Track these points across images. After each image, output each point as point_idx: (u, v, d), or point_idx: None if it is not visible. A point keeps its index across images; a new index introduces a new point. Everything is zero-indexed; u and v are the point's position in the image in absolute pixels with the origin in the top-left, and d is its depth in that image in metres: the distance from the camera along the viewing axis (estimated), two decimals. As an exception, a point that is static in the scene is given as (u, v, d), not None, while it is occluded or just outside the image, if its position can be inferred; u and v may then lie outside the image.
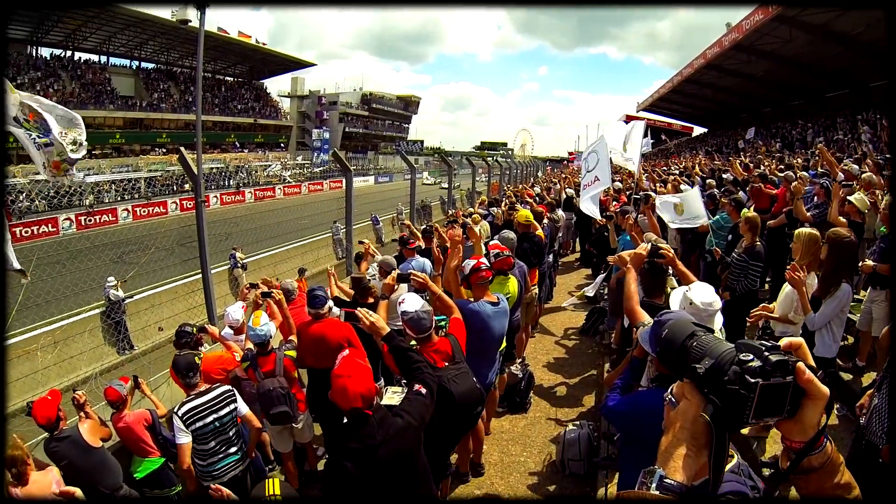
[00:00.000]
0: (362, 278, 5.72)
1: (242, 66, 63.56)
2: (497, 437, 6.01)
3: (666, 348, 1.47)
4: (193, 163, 5.90)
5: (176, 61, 58.26)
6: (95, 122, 46.84)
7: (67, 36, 48.29)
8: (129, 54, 54.62)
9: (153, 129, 52.39)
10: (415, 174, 11.73)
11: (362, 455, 2.75)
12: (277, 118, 67.81)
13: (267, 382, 4.69)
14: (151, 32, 50.15)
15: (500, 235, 6.50)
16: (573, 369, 7.66)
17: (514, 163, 26.60)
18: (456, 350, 3.92)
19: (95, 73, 50.85)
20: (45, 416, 4.16)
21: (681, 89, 45.34)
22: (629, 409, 2.95)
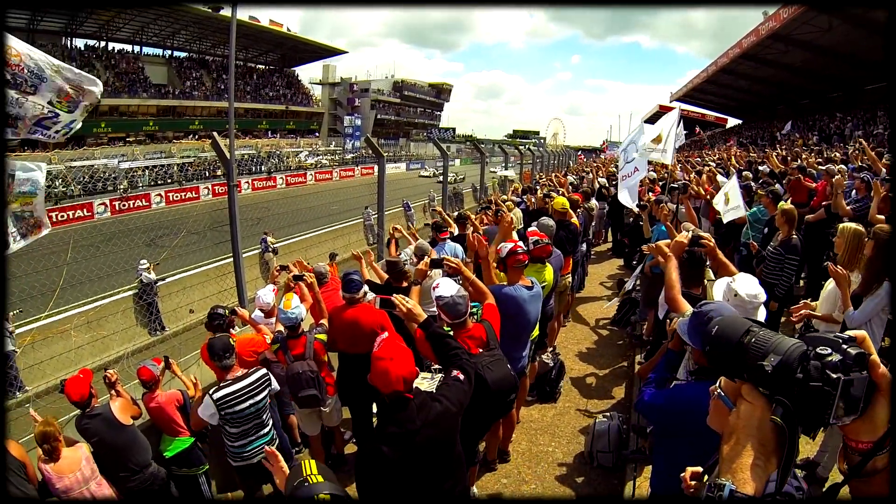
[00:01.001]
0: (398, 262, 5.66)
1: (274, 54, 63.97)
2: (526, 426, 5.94)
3: (718, 347, 1.37)
4: (226, 148, 5.91)
5: (208, 50, 58.91)
6: (129, 110, 48.26)
7: (101, 27, 49.15)
8: (162, 44, 55.41)
9: (186, 116, 53.27)
10: (447, 161, 11.63)
11: (400, 440, 2.69)
12: (309, 105, 68.24)
13: (296, 365, 4.66)
14: (184, 22, 50.84)
15: (539, 222, 6.40)
16: (604, 360, 7.57)
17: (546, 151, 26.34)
18: (490, 336, 3.85)
19: (129, 62, 51.75)
20: (77, 394, 4.22)
21: (715, 79, 44.46)
22: (667, 403, 2.86)
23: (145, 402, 4.78)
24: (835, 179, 7.28)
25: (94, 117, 42.29)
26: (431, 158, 60.01)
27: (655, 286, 5.75)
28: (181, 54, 57.95)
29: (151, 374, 4.77)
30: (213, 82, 57.49)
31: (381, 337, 2.99)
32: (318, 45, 64.51)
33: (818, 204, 7.83)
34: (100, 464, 4.25)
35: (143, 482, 4.46)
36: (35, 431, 3.92)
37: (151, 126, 50.42)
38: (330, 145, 64.44)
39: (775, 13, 28.80)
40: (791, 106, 43.22)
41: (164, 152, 45.76)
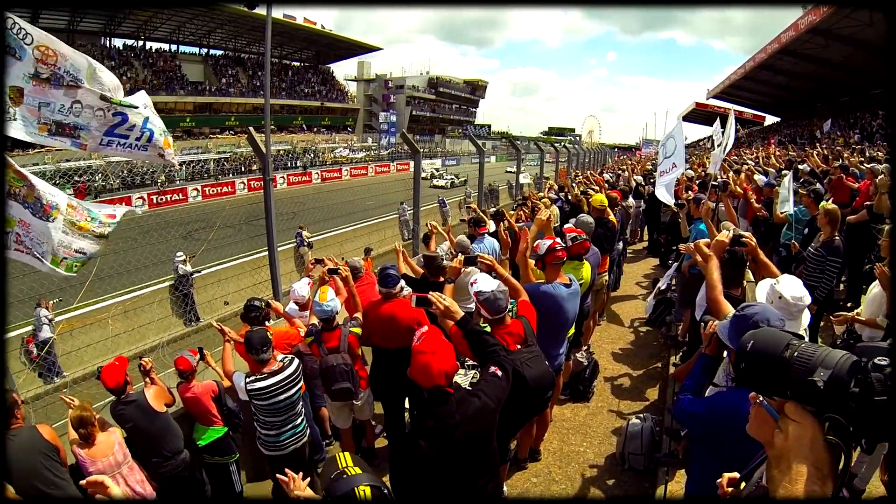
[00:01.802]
0: (436, 257, 5.63)
1: (309, 51, 64.53)
2: (558, 424, 5.87)
3: (756, 363, 1.30)
4: (262, 142, 5.90)
5: (243, 48, 59.72)
6: (167, 107, 48.94)
7: (139, 27, 50.36)
8: (199, 42, 56.40)
9: (222, 112, 54.11)
10: (483, 157, 11.56)
11: (439, 434, 2.65)
12: (344, 101, 68.80)
13: (330, 358, 4.66)
14: (219, 21, 51.76)
15: (579, 219, 6.34)
16: (638, 360, 7.46)
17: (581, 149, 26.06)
18: (528, 332, 3.81)
19: (166, 60, 52.90)
20: (113, 381, 4.28)
21: (753, 76, 43.49)
22: (708, 411, 2.77)
23: (181, 392, 4.83)
24: (878, 179, 7.05)
25: (134, 114, 43.15)
26: (467, 155, 60.10)
27: (692, 286, 5.66)
28: (217, 52, 58.95)
29: (189, 365, 4.83)
30: (249, 79, 58.26)
31: (421, 330, 2.95)
32: (353, 41, 64.95)
33: (861, 204, 7.58)
34: (132, 449, 4.31)
35: (175, 468, 4.52)
36: (71, 416, 3.99)
37: (188, 122, 51.38)
38: (365, 141, 64.80)
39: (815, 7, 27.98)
40: (831, 103, 42.01)
41: (200, 148, 46.63)
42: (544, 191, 12.24)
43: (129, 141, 4.14)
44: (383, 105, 72.49)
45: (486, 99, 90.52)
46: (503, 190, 24.70)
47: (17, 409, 3.89)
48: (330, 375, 4.67)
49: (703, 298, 4.72)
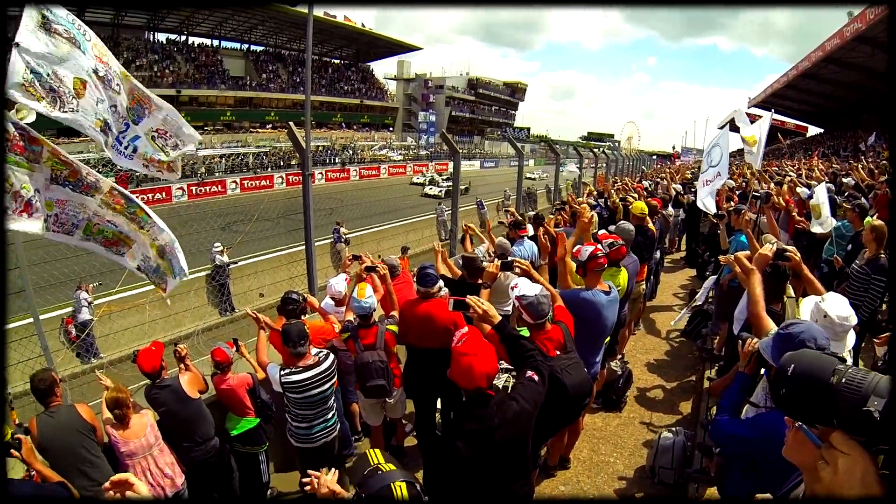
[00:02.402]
0: (475, 258, 5.57)
1: (349, 49, 64.99)
2: (589, 433, 5.80)
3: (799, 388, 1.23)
4: (302, 138, 5.92)
5: (284, 44, 60.55)
6: (208, 101, 50.25)
7: (182, 22, 51.39)
8: (240, 38, 57.38)
9: (262, 107, 54.80)
10: (522, 160, 11.51)
11: (478, 437, 2.65)
12: (384, 100, 69.15)
13: (366, 355, 4.66)
14: (261, 17, 52.60)
15: (619, 226, 6.26)
16: (672, 372, 7.33)
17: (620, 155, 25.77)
18: (567, 339, 3.78)
19: (208, 55, 53.85)
20: (149, 365, 4.37)
21: (796, 84, 42.27)
22: (747, 433, 2.71)
23: (216, 383, 4.89)
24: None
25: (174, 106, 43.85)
26: (505, 157, 59.95)
27: (730, 299, 5.57)
28: (258, 48, 59.71)
29: (226, 357, 4.88)
30: (289, 75, 58.90)
31: (461, 332, 2.94)
32: (393, 40, 65.23)
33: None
34: (164, 433, 4.39)
35: (205, 454, 4.59)
36: (107, 397, 4.07)
37: (229, 116, 52.14)
38: (404, 140, 65.15)
39: (861, 13, 27.07)
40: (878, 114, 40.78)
41: (240, 142, 47.45)
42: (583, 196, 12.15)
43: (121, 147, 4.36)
44: (423, 105, 72.71)
45: (526, 102, 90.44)
46: (541, 194, 24.53)
47: (57, 388, 3.99)
48: (365, 372, 4.66)
49: (741, 312, 4.63)
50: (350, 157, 49.39)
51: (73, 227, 4.16)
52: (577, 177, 18.53)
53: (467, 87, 77.93)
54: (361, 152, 52.70)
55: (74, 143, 31.67)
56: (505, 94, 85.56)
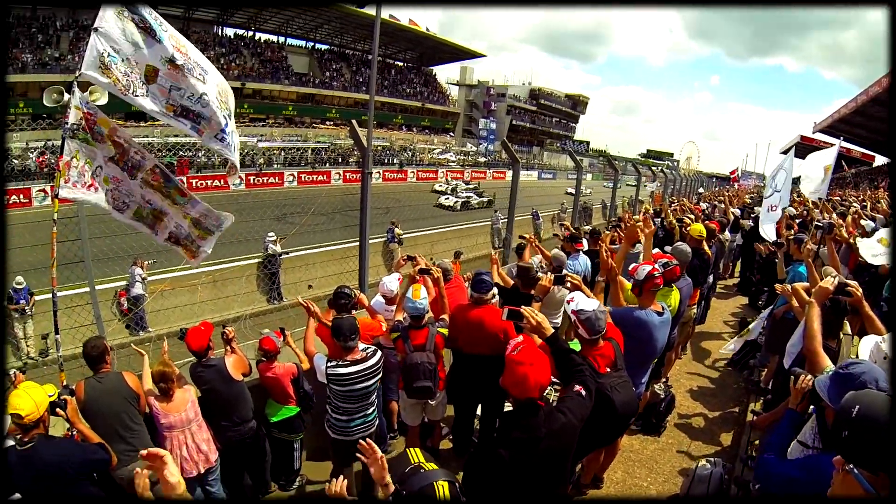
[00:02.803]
0: (530, 267, 5.56)
1: (412, 52, 65.53)
2: (625, 455, 5.69)
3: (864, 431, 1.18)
4: (363, 136, 5.97)
5: (349, 44, 61.37)
6: (271, 95, 51.47)
7: (250, 18, 52.71)
8: (305, 36, 58.36)
9: (324, 104, 55.75)
10: (581, 174, 11.44)
11: (523, 446, 2.66)
12: (445, 104, 69.36)
13: (416, 355, 4.66)
14: (327, 17, 53.35)
15: (676, 247, 6.14)
16: (715, 401, 7.12)
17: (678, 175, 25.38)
18: (618, 356, 3.77)
19: (274, 51, 55.12)
20: (197, 343, 4.52)
21: (864, 110, 39.61)
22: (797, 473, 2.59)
23: (261, 370, 5.00)
24: None
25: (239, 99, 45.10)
26: (563, 170, 59.54)
27: (782, 331, 5.38)
28: (323, 47, 60.59)
29: (274, 346, 4.99)
30: (352, 75, 59.75)
31: (516, 340, 2.96)
32: (457, 46, 65.32)
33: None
34: (204, 410, 4.51)
35: (241, 435, 4.70)
36: (154, 370, 4.21)
37: (290, 111, 53.16)
38: (464, 146, 65.31)
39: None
40: (952, 146, 38.62)
41: (300, 136, 48.42)
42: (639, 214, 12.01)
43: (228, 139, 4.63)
44: (484, 112, 72.63)
45: (587, 115, 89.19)
46: (596, 209, 24.32)
47: (107, 355, 4.17)
48: (413, 372, 4.66)
49: (793, 346, 4.48)
50: (408, 159, 49.78)
51: (125, 206, 4.49)
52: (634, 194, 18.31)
53: (529, 96, 77.55)
54: (420, 155, 52.97)
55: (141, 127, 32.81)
56: (566, 106, 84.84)
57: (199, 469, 4.36)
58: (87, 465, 3.36)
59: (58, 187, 3.99)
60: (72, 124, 3.94)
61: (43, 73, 35.83)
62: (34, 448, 3.15)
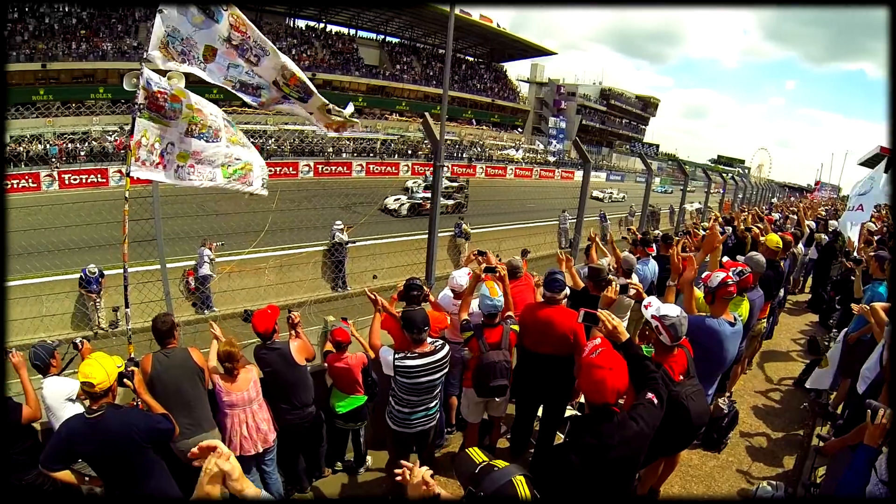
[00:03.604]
0: (601, 269, 5.48)
1: (483, 48, 65.19)
2: (683, 469, 5.54)
3: None
4: (436, 128, 5.96)
5: (419, 38, 61.53)
6: (341, 86, 52.09)
7: (321, 10, 53.56)
8: (376, 29, 58.78)
9: (393, 97, 56.18)
10: (651, 177, 11.21)
11: (594, 452, 2.63)
12: (515, 101, 68.75)
13: (492, 354, 4.61)
14: (397, 11, 53.77)
15: (750, 257, 5.96)
16: (779, 422, 6.85)
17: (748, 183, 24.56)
18: (690, 364, 3.70)
19: (344, 43, 55.89)
20: (263, 326, 4.59)
21: None
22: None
23: (330, 361, 5.07)
24: None
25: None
26: (632, 172, 58.54)
27: (856, 354, 5.16)
28: (393, 40, 61.03)
29: (347, 337, 5.05)
30: (423, 68, 60.03)
31: (595, 343, 2.93)
32: (528, 43, 64.71)
33: None
34: (266, 392, 4.62)
35: (300, 419, 4.80)
36: (220, 349, 4.33)
37: (360, 102, 53.68)
38: (533, 143, 64.87)
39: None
40: None
41: (369, 127, 48.84)
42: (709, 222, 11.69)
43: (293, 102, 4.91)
44: (553, 110, 71.81)
45: (657, 117, 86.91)
46: (664, 214, 23.79)
47: (176, 331, 4.34)
48: (490, 371, 4.60)
49: (869, 370, 4.27)
50: (477, 154, 49.73)
51: (214, 174, 4.76)
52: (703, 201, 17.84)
53: (599, 96, 75.99)
54: (489, 151, 52.87)
55: None
56: (636, 108, 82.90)
57: (257, 448, 4.46)
58: (153, 434, 3.47)
59: (128, 167, 4.24)
60: (139, 104, 4.18)
61: (122, 61, 38.05)
62: (103, 416, 3.28)
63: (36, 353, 4.14)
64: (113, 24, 41.46)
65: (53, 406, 3.99)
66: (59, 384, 4.09)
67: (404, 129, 50.23)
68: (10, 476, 3.87)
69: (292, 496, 5.11)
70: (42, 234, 11.79)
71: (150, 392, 3.92)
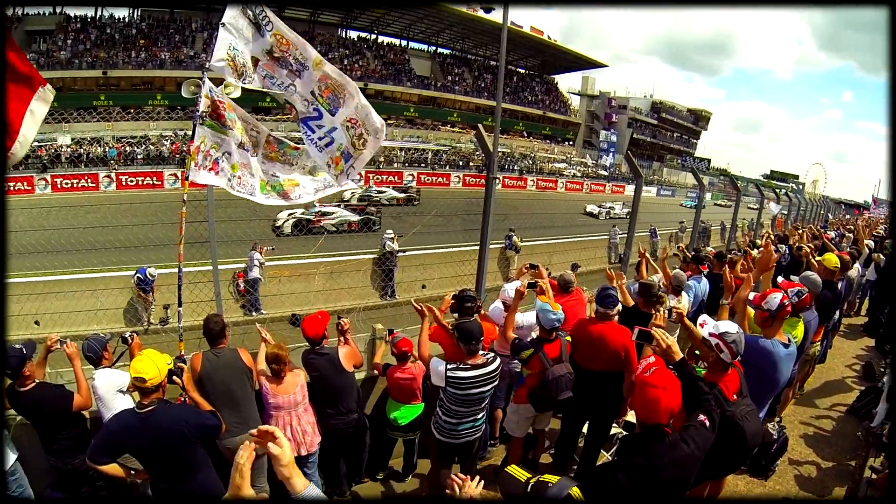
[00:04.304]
0: (652, 285, 5.41)
1: (534, 60, 65.16)
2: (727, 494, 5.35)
3: None
4: (489, 141, 5.95)
5: (470, 49, 61.98)
6: (393, 96, 53.11)
7: (373, 22, 54.68)
8: (427, 40, 59.57)
9: (445, 107, 56.72)
10: (703, 193, 11.01)
11: (643, 473, 2.61)
12: (566, 114, 68.44)
13: (558, 368, 4.57)
14: (449, 22, 54.28)
15: (806, 276, 5.77)
16: (830, 451, 6.56)
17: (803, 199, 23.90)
18: (744, 385, 3.63)
19: (396, 53, 56.93)
20: (313, 331, 4.68)
21: None
22: None
23: (391, 373, 5.09)
24: None
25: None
26: (683, 187, 57.56)
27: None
28: (445, 51, 61.61)
29: (412, 347, 5.06)
30: (474, 80, 60.35)
31: (648, 361, 2.92)
32: (578, 55, 64.37)
33: None
34: (312, 396, 4.69)
35: (345, 424, 4.83)
36: (269, 352, 4.41)
37: (412, 112, 54.36)
38: (583, 157, 64.38)
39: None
40: None
41: (420, 137, 49.39)
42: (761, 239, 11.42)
43: (313, 136, 5.08)
44: (604, 123, 70.89)
45: (708, 131, 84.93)
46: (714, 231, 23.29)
47: (226, 331, 4.47)
48: (556, 386, 4.56)
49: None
50: (528, 167, 49.68)
51: (253, 188, 4.91)
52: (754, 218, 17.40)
53: (650, 109, 74.75)
54: (540, 163, 52.72)
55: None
56: (688, 121, 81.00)
57: (300, 451, 4.52)
58: (202, 430, 3.56)
59: (188, 171, 4.45)
60: (201, 112, 4.40)
61: (179, 70, 40.26)
62: (154, 411, 3.38)
63: (90, 345, 4.33)
64: (171, 35, 43.89)
65: (105, 397, 4.16)
66: (111, 376, 4.26)
67: (455, 139, 50.38)
68: (57, 460, 4.10)
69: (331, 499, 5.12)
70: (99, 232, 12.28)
71: (199, 390, 4.05)
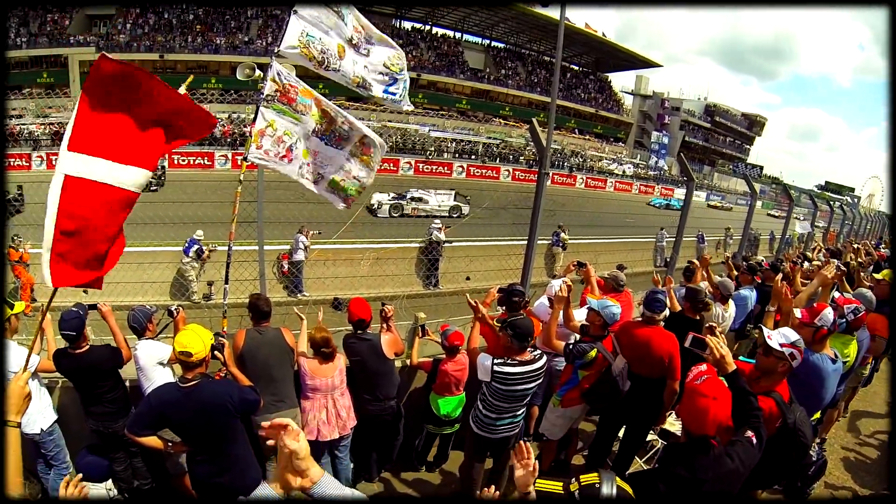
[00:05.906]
0: (699, 290, 5.26)
1: (588, 57, 64.35)
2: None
3: None
4: (543, 136, 5.88)
5: (524, 44, 61.50)
6: (445, 87, 53.45)
7: (427, 13, 54.82)
8: (482, 33, 59.28)
9: (497, 101, 56.50)
10: (755, 200, 10.62)
11: (684, 485, 2.54)
12: (619, 113, 67.35)
13: (619, 361, 4.56)
14: (503, 16, 54.00)
15: (861, 294, 5.55)
16: (869, 479, 6.20)
17: (857, 213, 23.10)
18: (792, 395, 3.53)
19: (450, 45, 56.95)
20: (358, 315, 4.65)
21: None
22: None
23: (444, 364, 5.02)
24: None
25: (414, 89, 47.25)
26: (733, 193, 56.28)
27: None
28: (499, 44, 61.08)
29: (463, 340, 4.97)
30: (527, 74, 59.98)
31: (699, 369, 2.78)
32: (633, 54, 63.36)
33: None
34: (350, 381, 4.69)
35: (381, 411, 4.82)
36: (312, 334, 4.42)
37: (464, 104, 54.35)
38: (634, 157, 63.35)
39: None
40: None
41: (472, 130, 49.46)
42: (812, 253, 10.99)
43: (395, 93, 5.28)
44: (657, 124, 69.51)
45: (762, 137, 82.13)
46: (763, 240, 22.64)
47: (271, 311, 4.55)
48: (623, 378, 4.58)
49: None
50: (578, 164, 49.18)
51: (320, 177, 4.93)
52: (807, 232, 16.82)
53: (704, 112, 72.53)
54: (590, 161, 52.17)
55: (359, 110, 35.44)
56: (741, 126, 78.18)
57: (334, 434, 4.52)
58: (245, 404, 3.58)
59: (247, 152, 4.47)
60: (267, 95, 4.42)
61: (234, 55, 41.66)
62: (198, 385, 3.42)
63: (135, 315, 4.40)
64: (227, 21, 45.31)
65: (146, 367, 4.27)
66: (153, 347, 4.34)
67: (507, 133, 50.16)
68: (98, 423, 4.25)
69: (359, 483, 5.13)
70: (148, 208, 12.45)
71: (240, 366, 4.13)
